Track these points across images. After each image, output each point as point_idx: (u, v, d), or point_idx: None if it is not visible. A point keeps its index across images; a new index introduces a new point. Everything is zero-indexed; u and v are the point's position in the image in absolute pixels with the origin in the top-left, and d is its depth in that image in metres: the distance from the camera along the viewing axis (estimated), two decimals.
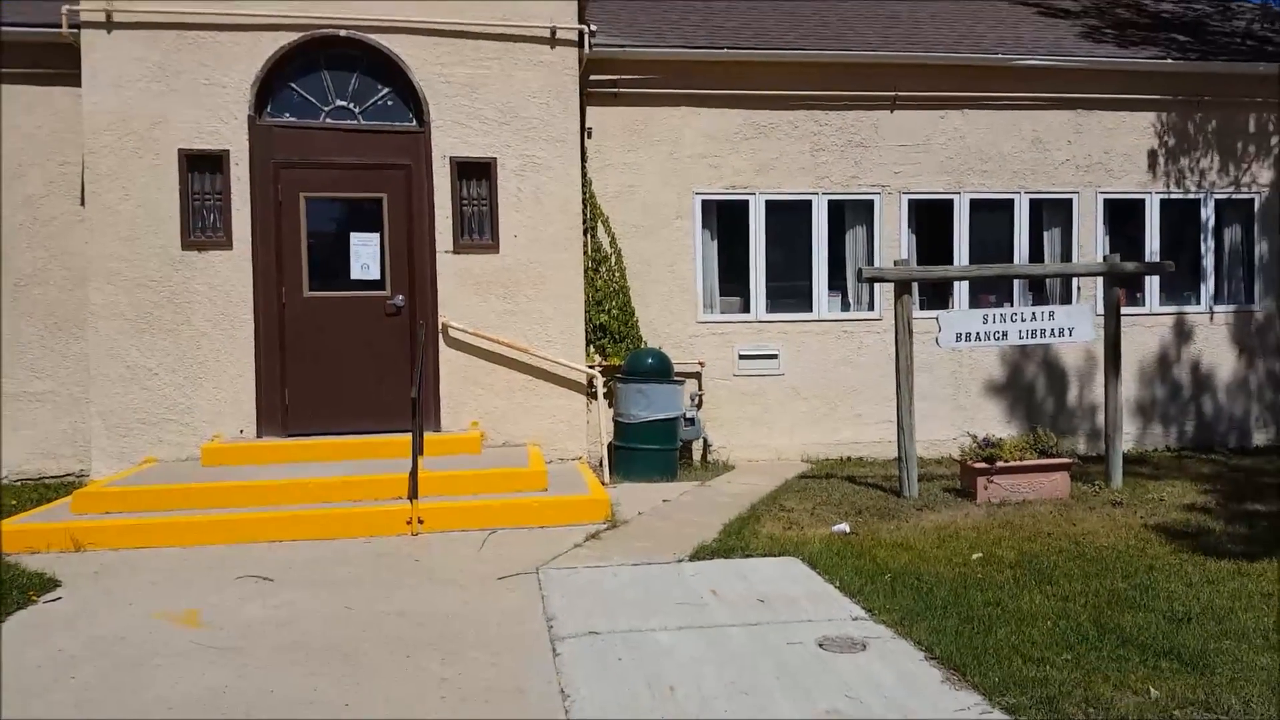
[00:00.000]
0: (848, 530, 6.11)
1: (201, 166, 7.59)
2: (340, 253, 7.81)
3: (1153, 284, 9.64)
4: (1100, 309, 7.87)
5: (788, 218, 9.05)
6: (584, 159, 8.44)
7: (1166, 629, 4.30)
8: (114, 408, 7.45)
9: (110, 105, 7.43)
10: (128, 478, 6.91)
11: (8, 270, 8.07)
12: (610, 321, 8.52)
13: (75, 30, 7.43)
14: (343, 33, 7.66)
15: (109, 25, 7.41)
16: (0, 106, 7.97)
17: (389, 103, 7.87)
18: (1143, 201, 9.64)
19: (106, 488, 6.54)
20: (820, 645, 4.15)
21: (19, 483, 8.01)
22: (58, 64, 7.83)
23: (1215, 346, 9.79)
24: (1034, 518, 6.45)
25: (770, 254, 9.01)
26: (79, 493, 6.41)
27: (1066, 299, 9.50)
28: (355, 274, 7.79)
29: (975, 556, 5.52)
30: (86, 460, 7.81)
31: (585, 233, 8.42)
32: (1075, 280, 9.43)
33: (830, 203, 9.11)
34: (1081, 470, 7.82)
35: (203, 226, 7.63)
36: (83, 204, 7.78)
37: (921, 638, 4.21)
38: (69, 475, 8.08)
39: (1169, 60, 9.45)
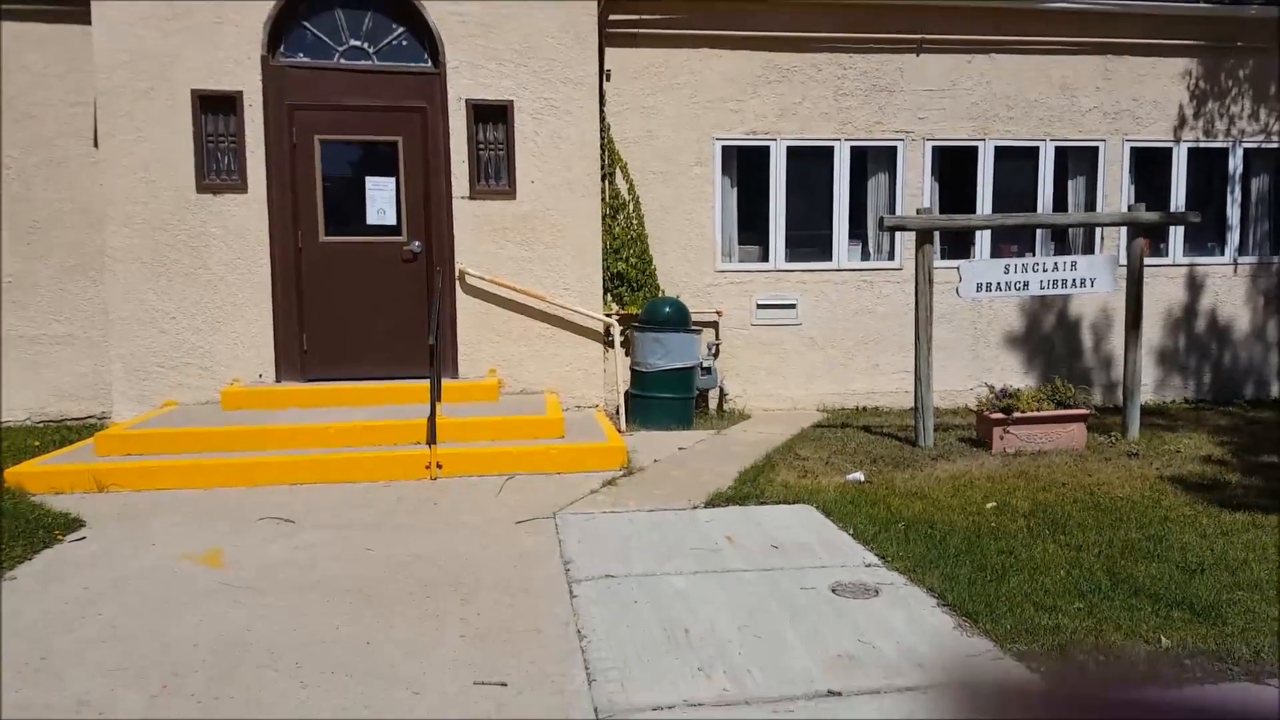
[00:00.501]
0: (862, 479, 6.13)
1: (215, 108, 7.52)
2: (356, 197, 7.76)
3: (1177, 234, 9.49)
4: (1123, 259, 7.75)
5: (809, 164, 8.92)
6: (602, 103, 8.31)
7: (1179, 579, 4.31)
8: (133, 351, 7.50)
9: (122, 43, 7.35)
10: (148, 420, 6.99)
11: (24, 212, 8.07)
12: (628, 269, 8.47)
13: None
14: None
15: None
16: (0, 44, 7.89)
17: (403, 42, 7.75)
18: (1170, 150, 9.44)
19: (128, 430, 6.62)
20: (833, 591, 4.18)
21: (41, 424, 8.13)
22: (67, 0, 7.72)
23: (1237, 298, 9.66)
24: (1049, 468, 6.45)
25: (790, 202, 8.90)
26: (101, 434, 6.50)
27: (1090, 249, 9.37)
28: (371, 219, 7.75)
29: (989, 506, 5.53)
30: (107, 402, 7.90)
31: (603, 179, 8.32)
32: (1099, 230, 9.29)
33: (853, 149, 8.95)
34: (1098, 421, 7.79)
35: (217, 169, 7.59)
36: (96, 145, 7.74)
37: (934, 585, 4.24)
38: (90, 417, 8.18)
39: (1203, 4, 9.16)
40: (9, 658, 3.60)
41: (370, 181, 7.75)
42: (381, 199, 7.75)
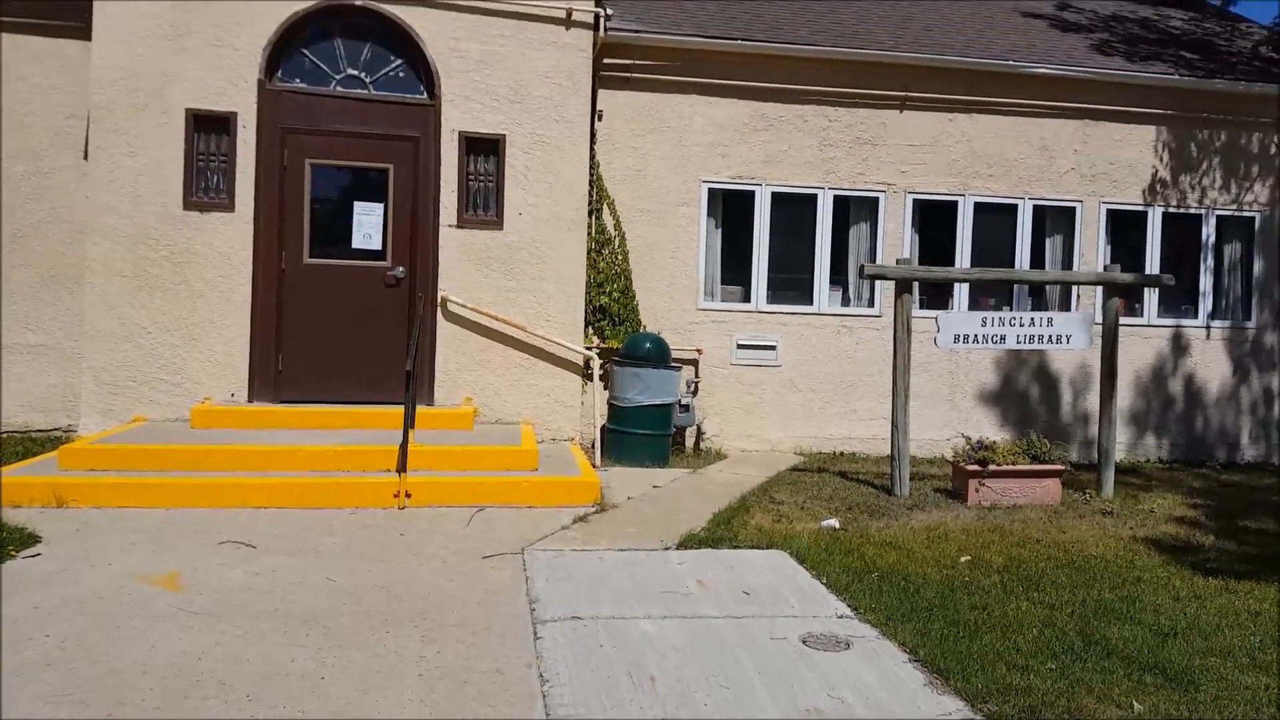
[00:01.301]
0: (837, 526, 6.09)
1: (208, 127, 7.51)
2: (343, 221, 7.74)
3: (1152, 296, 9.63)
4: (1099, 318, 7.85)
5: (793, 210, 9.01)
6: (593, 141, 8.38)
7: (1152, 643, 4.28)
8: (106, 364, 7.39)
9: (120, 60, 7.34)
10: (115, 435, 6.86)
11: (7, 221, 7.99)
12: (611, 304, 8.47)
13: None
14: (358, 2, 7.57)
15: None
16: (0, 56, 7.87)
17: (400, 74, 7.79)
18: (1145, 214, 9.62)
19: (93, 444, 6.49)
20: (804, 642, 4.12)
21: (6, 435, 7.96)
22: (68, 15, 7.75)
23: (1210, 361, 9.79)
24: (1024, 523, 6.44)
25: (773, 245, 8.98)
26: (65, 448, 6.36)
27: (1066, 306, 9.49)
28: (357, 243, 7.73)
29: (963, 559, 5.50)
30: (75, 415, 7.77)
31: (590, 214, 8.36)
32: (1075, 288, 9.41)
33: (836, 198, 9.06)
34: (1073, 478, 7.81)
35: (206, 187, 7.55)
36: (86, 158, 7.69)
37: (906, 639, 4.19)
38: (56, 430, 8.04)
39: (1175, 76, 9.45)
40: None
41: (358, 206, 7.74)
42: (368, 224, 7.74)
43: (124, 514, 5.72)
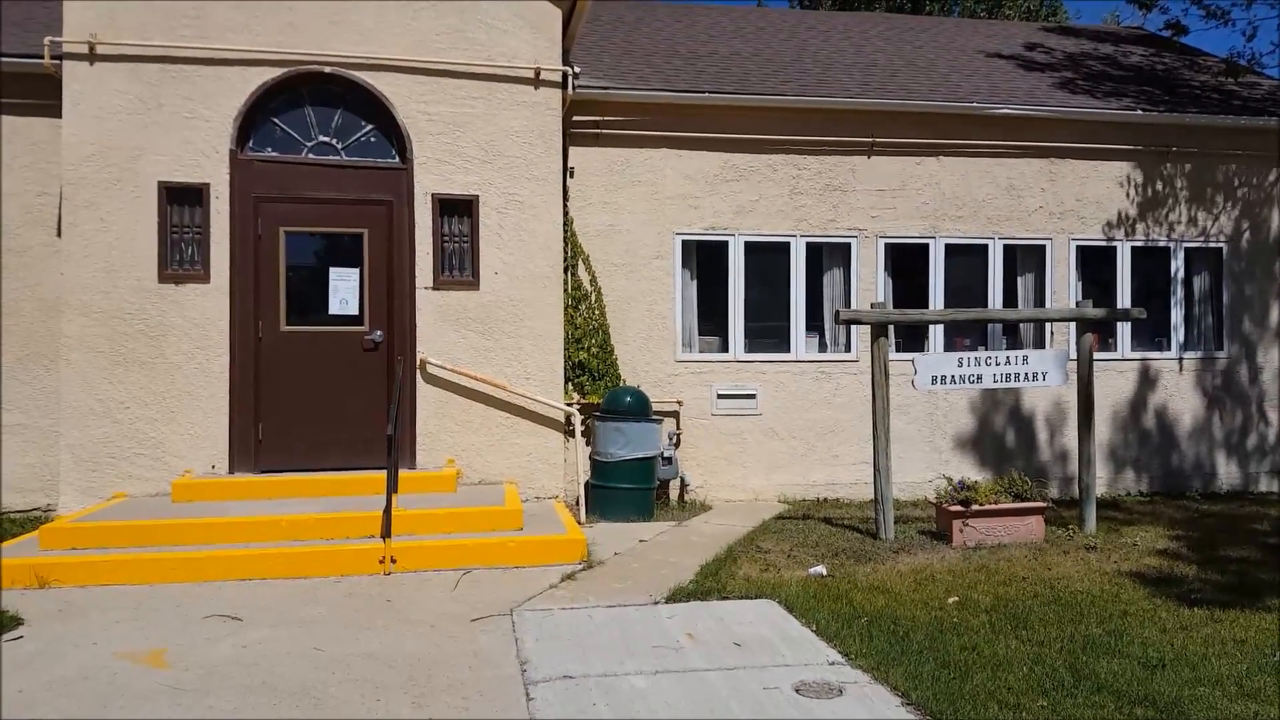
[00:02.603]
0: (824, 573, 6.10)
1: (181, 199, 7.56)
2: (319, 287, 7.77)
3: (1124, 329, 9.79)
4: (1073, 353, 7.97)
5: (766, 259, 9.15)
6: (566, 198, 8.50)
7: (1141, 675, 4.31)
8: (84, 441, 7.33)
9: (91, 136, 7.41)
10: (95, 513, 6.77)
11: None
12: (589, 359, 8.52)
13: (57, 61, 7.41)
14: (327, 69, 7.71)
15: (92, 57, 7.41)
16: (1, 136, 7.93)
17: (372, 139, 7.90)
18: (1114, 249, 9.83)
19: (74, 523, 6.41)
20: (797, 690, 4.12)
21: None
22: (38, 94, 7.82)
23: (1184, 392, 9.93)
24: (1009, 561, 6.47)
25: (749, 294, 9.09)
26: (45, 528, 6.28)
27: (1040, 342, 9.63)
28: (334, 309, 7.76)
29: (951, 600, 5.52)
30: (54, 494, 7.66)
31: (566, 270, 8.45)
32: (1048, 325, 9.56)
33: (808, 245, 9.21)
34: (1055, 514, 7.88)
35: (180, 259, 7.58)
36: (59, 235, 7.71)
37: (898, 683, 4.19)
38: (35, 510, 7.92)
39: (1139, 111, 9.69)
40: None
41: (334, 272, 7.78)
42: (344, 289, 7.78)
43: (107, 592, 5.65)
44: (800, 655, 4.57)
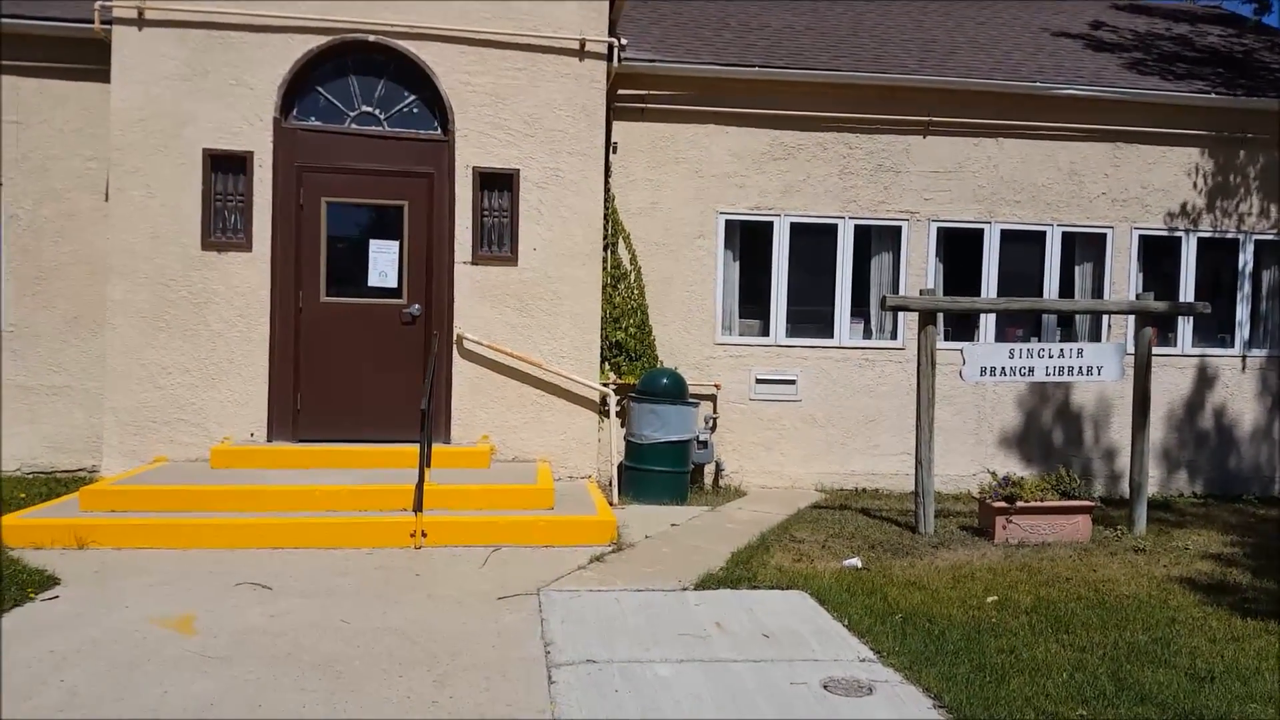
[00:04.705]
0: (859, 565, 5.95)
1: (225, 167, 7.58)
2: (359, 259, 7.77)
3: (1185, 324, 9.41)
4: (1131, 348, 7.67)
5: (812, 241, 8.93)
6: (607, 174, 8.37)
7: (1188, 688, 4.11)
8: (127, 405, 7.44)
9: (138, 102, 7.45)
10: (136, 476, 6.88)
11: (31, 263, 8.11)
12: (627, 339, 8.42)
13: (107, 26, 7.46)
14: (371, 38, 7.65)
15: (140, 22, 7.44)
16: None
17: (414, 110, 7.84)
18: (1179, 240, 9.42)
19: (114, 486, 6.51)
20: (825, 687, 4.00)
21: (31, 475, 8.02)
22: (89, 59, 7.88)
23: (1246, 391, 9.52)
24: (1052, 561, 6.26)
25: (793, 277, 8.88)
26: (86, 489, 6.39)
27: (1096, 336, 9.30)
28: (373, 281, 7.75)
29: (990, 600, 5.34)
30: (99, 455, 7.81)
31: (605, 248, 8.34)
32: (1106, 317, 9.22)
33: (857, 227, 8.97)
34: (1103, 514, 7.61)
35: (223, 227, 7.62)
36: (106, 200, 7.80)
37: (931, 684, 4.05)
38: (81, 470, 8.08)
39: (1213, 95, 9.23)
40: None
41: (374, 244, 7.77)
42: (384, 261, 7.76)
43: (143, 555, 5.72)
44: (830, 650, 4.45)
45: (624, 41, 8.10)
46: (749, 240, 8.92)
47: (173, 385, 7.49)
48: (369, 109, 7.80)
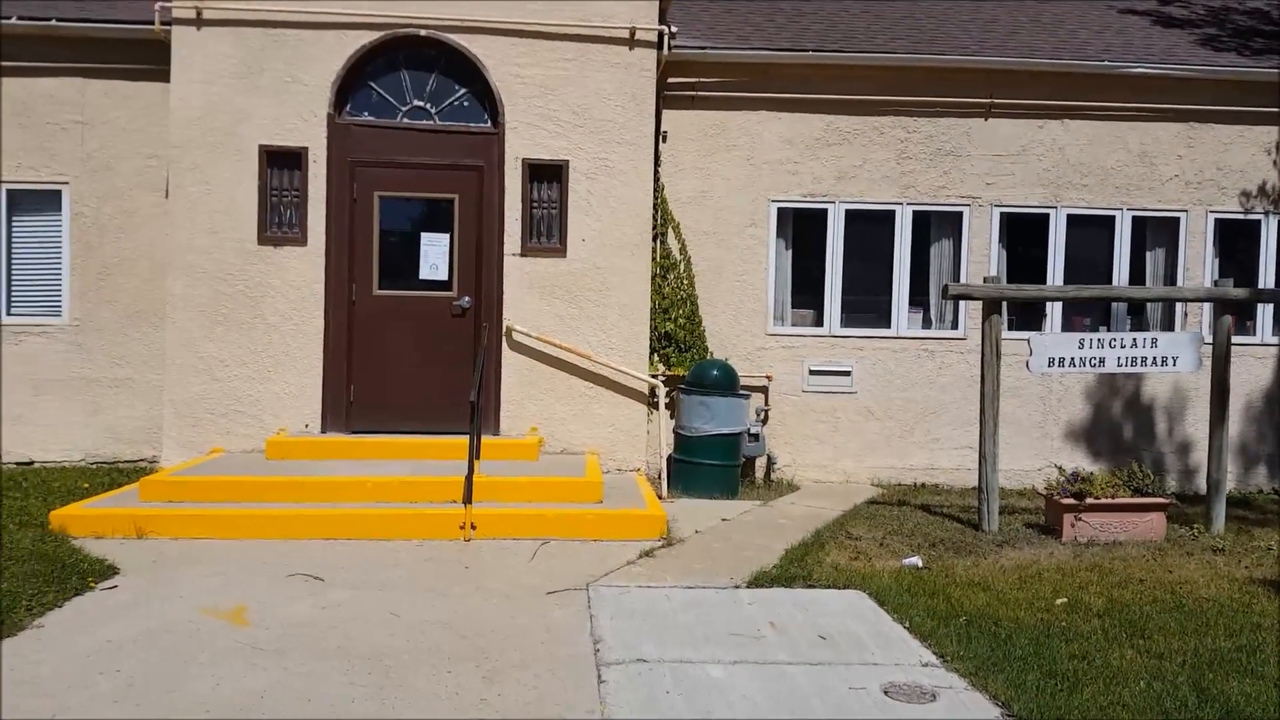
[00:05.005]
0: (920, 564, 5.75)
1: (281, 163, 7.65)
2: (410, 252, 7.78)
3: (1265, 312, 8.95)
4: (1208, 337, 7.32)
5: (868, 228, 8.70)
6: (657, 163, 8.25)
7: (1278, 701, 3.85)
8: (185, 397, 7.56)
9: (196, 100, 7.55)
10: (193, 467, 6.99)
11: (95, 259, 8.30)
12: (676, 330, 8.30)
13: (167, 27, 7.58)
14: (423, 32, 7.64)
15: (199, 22, 7.53)
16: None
17: (465, 103, 7.82)
18: (1258, 223, 8.96)
19: (172, 476, 6.62)
20: (886, 693, 3.84)
21: (95, 465, 8.23)
22: (151, 59, 8.00)
23: None
24: (1125, 561, 5.98)
25: (848, 266, 8.66)
26: (145, 480, 6.50)
27: (1168, 325, 8.91)
28: (424, 274, 7.76)
29: (1060, 602, 5.11)
30: (159, 446, 7.95)
31: (655, 238, 8.22)
32: (1179, 306, 8.82)
33: (915, 214, 8.71)
34: (1178, 511, 7.26)
35: (279, 222, 7.69)
36: (166, 196, 7.93)
37: (998, 691, 3.86)
38: (142, 460, 8.26)
39: None
40: (20, 714, 3.49)
41: (425, 237, 7.77)
42: (435, 254, 7.76)
43: (199, 545, 5.79)
44: (891, 654, 4.28)
45: (674, 29, 7.97)
46: (802, 228, 8.72)
47: (229, 378, 7.59)
48: (420, 103, 7.80)
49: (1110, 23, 10.19)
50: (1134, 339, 6.98)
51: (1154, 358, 6.97)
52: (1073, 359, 6.90)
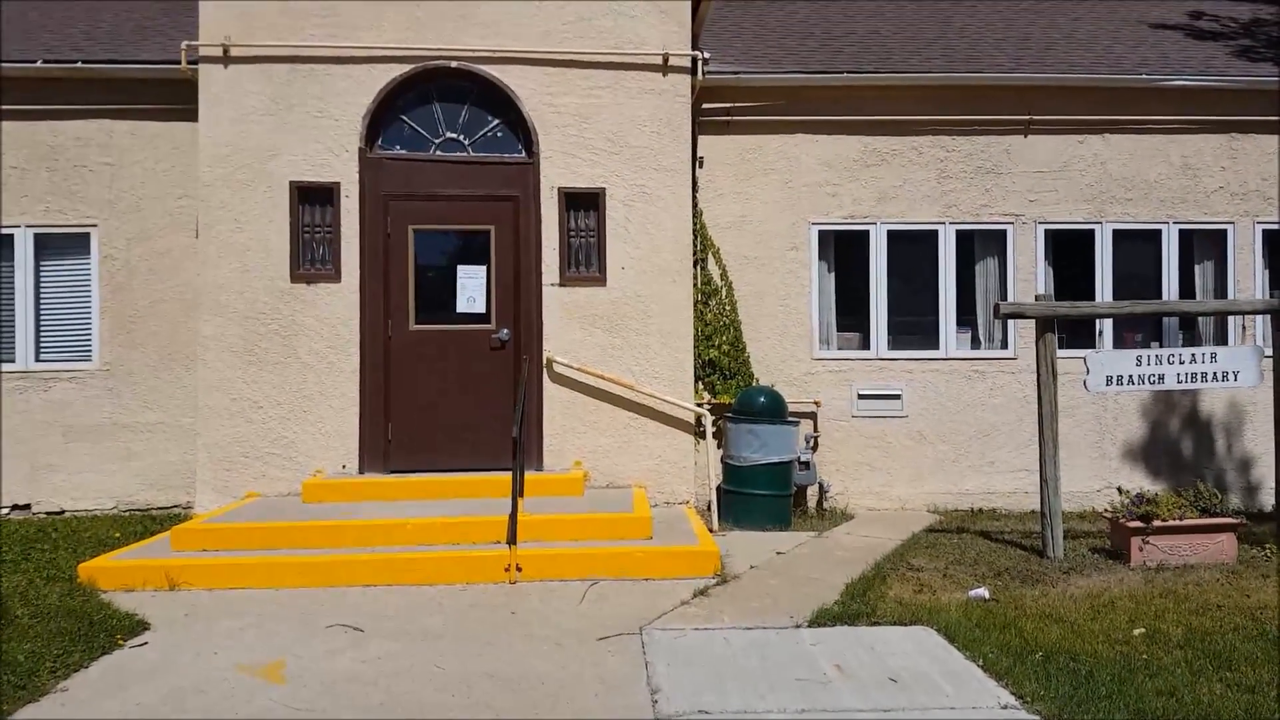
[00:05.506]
0: (986, 596, 5.47)
1: (312, 199, 7.57)
2: (447, 285, 7.65)
3: None
4: (1268, 350, 7.03)
5: (911, 249, 8.49)
6: (695, 189, 8.10)
7: None
8: (219, 440, 7.43)
9: (226, 138, 7.51)
10: (227, 514, 6.83)
11: (126, 301, 8.24)
12: (720, 357, 8.10)
13: (194, 66, 7.55)
14: (454, 64, 7.57)
15: (226, 60, 7.50)
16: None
17: (498, 134, 7.73)
18: None
19: (205, 524, 6.47)
20: None
21: (128, 513, 8.10)
22: (179, 99, 7.97)
23: None
24: (1199, 586, 5.68)
25: (892, 287, 8.46)
26: (177, 529, 6.34)
27: (1220, 340, 8.62)
28: (461, 307, 7.62)
29: (1137, 632, 4.83)
30: (193, 492, 7.82)
31: (695, 265, 8.06)
32: (1234, 319, 8.53)
33: (958, 233, 8.50)
34: (1247, 531, 6.92)
35: (312, 259, 7.59)
36: (197, 236, 7.87)
37: None
38: (175, 507, 8.13)
39: None
40: None
41: (461, 270, 7.64)
42: (472, 287, 7.63)
43: (234, 595, 5.60)
44: (966, 696, 4.02)
45: (707, 55, 7.86)
46: (844, 250, 8.53)
47: (264, 419, 7.46)
48: (453, 135, 7.71)
49: (1144, 37, 10.00)
50: (1192, 354, 6.72)
51: (1214, 373, 6.70)
52: (1131, 376, 6.65)
